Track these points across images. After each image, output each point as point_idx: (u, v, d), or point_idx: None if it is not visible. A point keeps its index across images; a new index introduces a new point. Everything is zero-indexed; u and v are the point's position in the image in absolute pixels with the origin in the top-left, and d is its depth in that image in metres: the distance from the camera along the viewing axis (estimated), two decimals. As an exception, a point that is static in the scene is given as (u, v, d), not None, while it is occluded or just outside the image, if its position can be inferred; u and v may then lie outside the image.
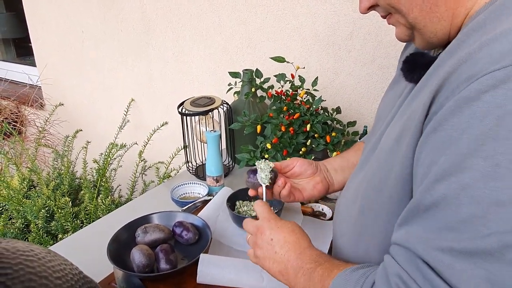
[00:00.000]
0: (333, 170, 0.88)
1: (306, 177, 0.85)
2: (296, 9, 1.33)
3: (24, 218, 1.33)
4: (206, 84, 1.67)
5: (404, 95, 0.62)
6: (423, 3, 0.53)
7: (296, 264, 0.64)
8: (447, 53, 0.51)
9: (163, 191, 1.24)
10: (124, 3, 1.76)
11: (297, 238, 0.68)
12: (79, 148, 1.77)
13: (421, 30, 0.56)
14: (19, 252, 0.30)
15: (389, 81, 1.26)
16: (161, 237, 0.90)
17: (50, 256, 0.32)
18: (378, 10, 0.61)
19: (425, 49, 0.60)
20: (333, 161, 0.90)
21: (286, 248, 0.66)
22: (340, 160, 0.90)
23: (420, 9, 0.53)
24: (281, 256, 0.66)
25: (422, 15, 0.54)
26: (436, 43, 0.57)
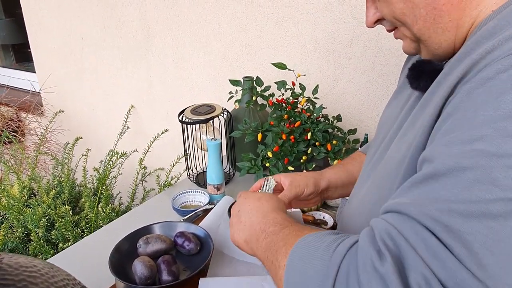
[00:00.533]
0: (334, 189, 0.87)
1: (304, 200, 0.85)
2: (296, 16, 1.33)
3: (24, 227, 1.32)
4: (206, 91, 1.67)
5: (410, 103, 0.62)
6: (427, 14, 0.53)
7: (259, 228, 0.61)
8: (456, 61, 0.51)
9: (164, 199, 1.23)
10: (124, 10, 1.76)
11: (261, 203, 0.66)
12: (79, 155, 1.77)
13: (426, 42, 0.56)
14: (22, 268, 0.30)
15: (390, 88, 1.27)
16: (162, 247, 0.89)
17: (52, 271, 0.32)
18: (384, 24, 0.61)
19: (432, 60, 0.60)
20: (339, 179, 0.88)
21: (250, 215, 0.65)
22: (345, 176, 0.88)
23: (424, 20, 0.54)
24: (245, 224, 0.65)
25: (426, 26, 0.54)
26: (441, 54, 0.57)
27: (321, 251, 0.46)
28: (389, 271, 0.39)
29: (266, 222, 0.61)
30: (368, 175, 0.68)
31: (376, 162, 0.66)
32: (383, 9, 0.57)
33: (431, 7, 0.52)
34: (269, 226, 0.59)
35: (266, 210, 0.64)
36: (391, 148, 0.62)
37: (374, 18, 0.60)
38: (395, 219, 0.43)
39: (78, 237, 1.30)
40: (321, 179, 0.84)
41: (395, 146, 0.60)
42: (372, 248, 0.42)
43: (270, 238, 0.57)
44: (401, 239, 0.41)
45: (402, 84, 0.72)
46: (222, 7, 1.48)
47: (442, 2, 0.51)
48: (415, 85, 0.60)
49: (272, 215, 0.62)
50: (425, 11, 0.53)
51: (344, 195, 0.90)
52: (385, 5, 0.56)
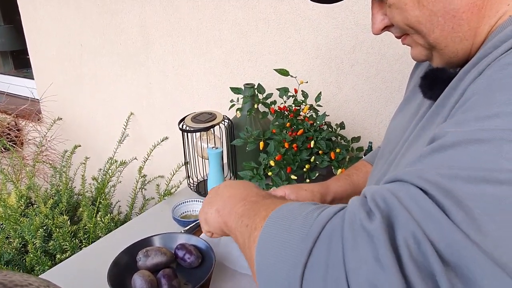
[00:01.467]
0: (339, 201, 0.85)
1: None
2: (297, 23, 1.32)
3: (21, 238, 1.29)
4: (206, 98, 1.66)
5: (421, 113, 0.59)
6: (445, 23, 0.50)
7: (239, 197, 0.58)
8: (472, 65, 0.48)
9: (164, 208, 1.21)
10: (123, 17, 1.75)
11: (247, 183, 0.64)
12: (78, 163, 1.74)
13: (442, 51, 0.53)
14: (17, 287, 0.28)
15: (393, 95, 1.25)
16: (163, 260, 0.87)
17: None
18: (392, 31, 0.58)
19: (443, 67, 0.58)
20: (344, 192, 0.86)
21: (230, 188, 0.63)
22: (351, 190, 0.86)
23: (442, 29, 0.51)
24: (222, 195, 0.62)
25: (444, 35, 0.52)
26: (456, 62, 0.55)
27: (305, 213, 0.43)
28: (377, 227, 0.36)
29: (248, 192, 0.58)
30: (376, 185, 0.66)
31: (383, 175, 0.64)
32: (394, 16, 0.54)
33: (450, 15, 0.50)
34: (252, 196, 0.57)
35: (249, 187, 0.62)
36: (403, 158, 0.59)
37: (382, 24, 0.57)
38: (392, 184, 0.40)
39: (76, 248, 1.27)
40: (327, 194, 0.82)
41: (408, 155, 0.58)
42: (362, 209, 0.39)
43: (249, 205, 0.54)
44: (394, 199, 0.38)
45: (410, 94, 0.70)
46: (222, 14, 1.46)
47: (462, 10, 0.49)
48: (429, 94, 0.57)
49: (256, 189, 0.60)
50: (443, 19, 0.50)
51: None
52: (398, 12, 0.53)
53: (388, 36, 1.18)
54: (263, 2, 1.35)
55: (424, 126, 0.55)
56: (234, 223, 0.54)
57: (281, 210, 0.46)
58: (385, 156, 0.67)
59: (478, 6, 0.49)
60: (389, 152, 0.65)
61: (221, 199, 0.62)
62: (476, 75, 0.44)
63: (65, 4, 1.94)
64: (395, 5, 0.53)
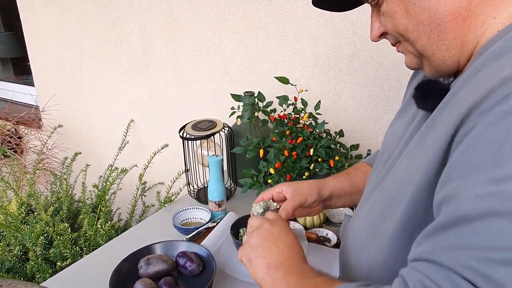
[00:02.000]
0: (336, 198, 0.86)
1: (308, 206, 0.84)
2: (296, 31, 1.33)
3: (22, 245, 1.30)
4: (206, 105, 1.67)
5: (416, 123, 0.61)
6: (431, 31, 0.52)
7: (294, 268, 0.58)
8: (463, 81, 0.50)
9: (164, 215, 1.22)
10: (124, 25, 1.77)
11: (301, 250, 0.64)
12: (78, 170, 1.75)
13: (430, 58, 0.55)
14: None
15: (391, 103, 1.27)
16: (164, 268, 0.87)
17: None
18: (388, 38, 0.61)
19: (434, 77, 0.60)
20: (342, 189, 0.86)
21: (290, 249, 0.62)
22: (349, 187, 0.87)
23: (428, 37, 0.53)
24: (281, 252, 0.61)
25: (430, 43, 0.54)
26: (445, 70, 0.56)
27: None
28: None
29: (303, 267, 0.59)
30: (372, 192, 0.67)
31: (381, 180, 0.66)
32: (386, 24, 0.57)
33: (435, 24, 0.52)
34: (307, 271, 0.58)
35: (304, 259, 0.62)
36: (397, 167, 0.61)
37: (379, 32, 0.60)
38: (428, 268, 0.41)
39: (77, 256, 1.27)
40: (324, 188, 0.83)
41: (402, 166, 0.59)
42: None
43: (301, 280, 0.56)
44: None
45: (407, 102, 0.71)
46: (222, 22, 1.48)
47: (447, 19, 0.51)
48: (422, 105, 0.59)
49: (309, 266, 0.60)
50: (429, 27, 0.52)
51: (346, 204, 0.88)
52: (389, 20, 0.56)
53: (386, 45, 1.20)
54: (263, 11, 1.37)
55: (418, 139, 0.56)
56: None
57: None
58: (383, 161, 0.68)
59: (463, 16, 0.50)
60: (386, 158, 0.67)
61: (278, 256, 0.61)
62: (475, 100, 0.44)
63: (66, 12, 1.96)
64: (386, 14, 0.56)
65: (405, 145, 0.61)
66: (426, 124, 0.56)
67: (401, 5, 0.53)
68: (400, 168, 0.59)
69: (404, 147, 0.62)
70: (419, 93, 0.60)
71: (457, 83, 0.52)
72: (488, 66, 0.48)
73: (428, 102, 0.57)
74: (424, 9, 0.52)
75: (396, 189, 0.57)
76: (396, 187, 0.57)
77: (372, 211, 0.64)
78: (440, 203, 0.45)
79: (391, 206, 0.57)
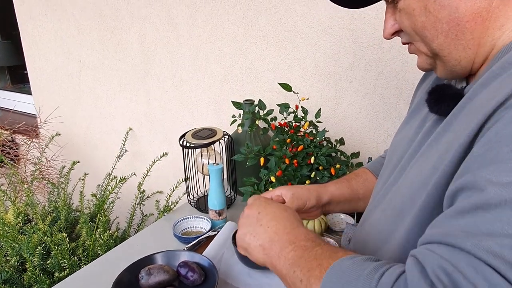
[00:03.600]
0: (335, 203, 0.85)
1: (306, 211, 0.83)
2: (296, 40, 1.34)
3: (19, 256, 1.28)
4: (205, 114, 1.67)
5: (428, 127, 0.60)
6: (449, 29, 0.52)
7: (287, 238, 0.56)
8: (481, 86, 0.50)
9: (164, 225, 1.21)
10: (123, 34, 1.77)
11: (288, 214, 0.62)
12: (76, 179, 1.73)
13: (445, 58, 0.55)
14: None
15: (391, 111, 1.27)
16: (165, 279, 0.86)
17: None
18: (401, 36, 0.61)
19: (447, 78, 0.60)
20: (341, 195, 0.86)
21: (275, 222, 0.60)
22: (348, 193, 0.87)
23: (446, 36, 0.53)
24: (267, 228, 0.59)
25: (447, 42, 0.53)
26: (459, 71, 0.56)
27: (362, 280, 0.42)
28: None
29: (296, 234, 0.56)
30: (381, 199, 0.67)
31: (390, 185, 0.65)
32: (403, 21, 0.57)
33: (454, 23, 0.51)
34: (301, 240, 0.55)
35: (296, 223, 0.59)
36: (410, 171, 0.60)
37: (393, 29, 0.60)
38: (447, 252, 0.39)
39: (75, 266, 1.26)
40: (323, 194, 0.82)
41: (415, 169, 0.58)
42: (424, 282, 0.38)
43: (299, 252, 0.53)
44: (459, 275, 0.37)
45: (416, 108, 0.71)
46: (222, 31, 1.49)
47: (466, 19, 0.51)
48: (436, 109, 0.58)
49: (304, 230, 0.57)
50: (447, 26, 0.52)
51: (344, 209, 0.88)
52: (406, 17, 0.56)
53: (385, 54, 1.20)
54: (262, 20, 1.38)
55: (431, 143, 0.56)
56: (285, 270, 0.54)
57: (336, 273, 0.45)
58: (391, 167, 0.68)
59: (483, 17, 0.50)
60: (396, 163, 0.66)
61: (266, 234, 0.59)
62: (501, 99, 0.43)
63: (65, 21, 1.96)
64: (404, 10, 0.55)
65: (417, 148, 0.61)
66: (440, 128, 0.55)
67: (420, 2, 0.53)
68: (413, 171, 0.58)
69: (415, 151, 0.61)
70: (432, 97, 0.59)
71: (474, 87, 0.51)
72: (508, 72, 0.47)
73: (442, 106, 0.56)
74: (444, 7, 0.51)
75: (409, 193, 0.56)
76: (409, 190, 0.57)
77: (383, 216, 0.64)
78: (456, 191, 0.44)
79: (404, 209, 0.57)
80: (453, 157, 0.47)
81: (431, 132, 0.59)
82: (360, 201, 0.87)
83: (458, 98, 0.53)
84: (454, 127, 0.51)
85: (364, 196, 0.87)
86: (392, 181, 0.64)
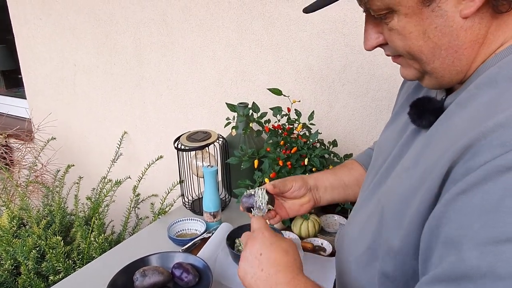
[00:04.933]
0: (323, 189, 0.88)
1: (296, 197, 0.85)
2: (289, 43, 1.36)
3: (13, 259, 1.28)
4: (200, 117, 1.68)
5: (409, 132, 0.62)
6: (447, 56, 0.52)
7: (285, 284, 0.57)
8: (458, 106, 0.51)
9: (159, 227, 1.21)
10: (117, 38, 1.78)
11: (289, 260, 0.61)
12: (71, 182, 1.73)
13: (438, 79, 0.55)
14: None
15: (383, 113, 1.29)
16: (160, 280, 0.87)
17: None
18: (385, 49, 0.59)
19: (433, 88, 0.60)
20: (326, 179, 0.89)
21: (275, 269, 0.60)
22: (332, 178, 0.90)
23: (442, 62, 0.52)
24: (268, 276, 0.59)
25: (443, 67, 0.53)
26: (447, 86, 0.57)
27: None
28: None
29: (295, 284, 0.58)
30: (368, 199, 0.68)
31: (376, 186, 0.67)
32: (394, 40, 0.55)
33: (453, 50, 0.51)
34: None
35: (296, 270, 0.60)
36: (392, 178, 0.62)
37: (377, 42, 0.58)
38: None
39: (70, 269, 1.26)
40: (308, 178, 0.87)
41: (397, 178, 0.60)
42: None
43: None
44: None
45: (400, 109, 0.73)
46: (216, 35, 1.50)
47: (465, 46, 0.51)
48: (418, 123, 0.59)
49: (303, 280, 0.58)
50: (446, 52, 0.51)
51: (335, 198, 0.90)
52: (400, 38, 0.54)
53: (377, 57, 1.22)
54: (256, 24, 1.40)
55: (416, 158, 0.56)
56: None
57: None
58: (377, 167, 0.69)
59: (479, 43, 0.51)
60: (380, 163, 0.68)
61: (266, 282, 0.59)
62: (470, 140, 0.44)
63: (59, 25, 1.97)
64: (397, 31, 0.53)
65: (399, 154, 0.63)
66: (422, 144, 0.56)
67: (419, 26, 0.51)
68: (396, 182, 0.60)
69: (397, 156, 0.63)
70: (415, 111, 0.60)
71: (451, 106, 0.53)
72: (483, 92, 0.48)
73: (423, 120, 0.58)
74: (445, 35, 0.50)
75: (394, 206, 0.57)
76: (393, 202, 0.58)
77: (368, 221, 0.65)
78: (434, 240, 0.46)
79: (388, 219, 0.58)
80: (431, 186, 0.48)
81: (412, 139, 0.61)
82: (348, 189, 0.90)
83: (438, 112, 0.55)
84: (433, 147, 0.53)
85: (350, 183, 0.89)
86: (377, 183, 0.66)
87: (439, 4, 0.49)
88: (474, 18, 0.49)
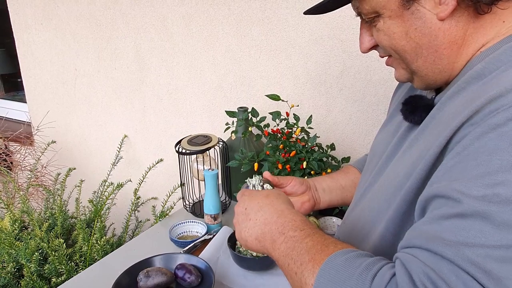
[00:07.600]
0: (322, 190, 0.92)
1: (296, 195, 0.88)
2: (288, 49, 1.39)
3: (16, 262, 1.29)
4: (200, 121, 1.70)
5: (402, 132, 0.65)
6: (428, 55, 0.56)
7: (275, 228, 0.58)
8: (448, 98, 0.55)
9: (160, 230, 1.23)
10: (118, 43, 1.80)
11: (271, 200, 0.63)
12: (72, 185, 1.75)
13: (422, 78, 0.59)
14: None
15: (380, 118, 1.32)
16: (163, 280, 0.89)
17: None
18: (378, 51, 0.64)
19: (423, 89, 0.64)
20: (323, 181, 0.94)
21: (261, 212, 0.62)
22: (329, 180, 0.94)
23: (424, 60, 0.57)
24: (256, 221, 0.61)
25: (425, 66, 0.57)
26: (434, 86, 0.61)
27: (355, 279, 0.45)
28: None
29: (283, 223, 0.58)
30: (362, 196, 0.71)
31: (370, 185, 0.70)
32: (382, 40, 0.59)
33: (433, 50, 0.55)
34: (288, 230, 0.57)
35: (280, 208, 0.61)
36: (386, 173, 0.65)
37: (370, 44, 0.63)
38: (430, 258, 0.43)
39: (72, 271, 1.27)
40: (307, 179, 0.91)
41: (391, 171, 0.63)
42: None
43: (290, 244, 0.55)
44: (442, 283, 0.41)
45: (394, 112, 0.76)
46: (216, 40, 1.53)
47: (444, 46, 0.55)
48: (410, 119, 0.63)
49: (289, 216, 0.59)
50: (427, 52, 0.56)
51: (333, 200, 0.93)
52: (386, 38, 0.58)
53: (374, 62, 1.25)
54: (255, 30, 1.43)
55: (406, 149, 0.61)
56: (281, 261, 0.56)
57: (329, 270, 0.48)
58: (371, 168, 0.72)
59: (458, 44, 0.55)
60: (374, 165, 0.71)
61: (257, 227, 0.61)
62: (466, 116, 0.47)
63: (60, 30, 1.99)
64: (383, 31, 0.58)
65: (393, 152, 0.66)
66: (414, 136, 0.60)
67: (401, 27, 0.56)
68: (389, 175, 0.63)
69: (390, 155, 0.66)
70: (406, 108, 0.64)
71: (442, 99, 0.56)
72: (471, 85, 0.52)
73: (415, 116, 0.61)
74: (424, 35, 0.55)
75: (385, 195, 0.61)
76: (385, 193, 0.61)
77: (362, 215, 0.68)
78: (429, 198, 0.48)
79: (380, 211, 0.61)
80: (425, 165, 0.52)
81: (405, 137, 0.64)
82: (345, 191, 0.93)
83: (429, 109, 0.58)
84: (426, 136, 0.56)
85: (347, 186, 0.93)
86: (371, 182, 0.69)
87: (417, 8, 0.54)
88: (450, 20, 0.53)
